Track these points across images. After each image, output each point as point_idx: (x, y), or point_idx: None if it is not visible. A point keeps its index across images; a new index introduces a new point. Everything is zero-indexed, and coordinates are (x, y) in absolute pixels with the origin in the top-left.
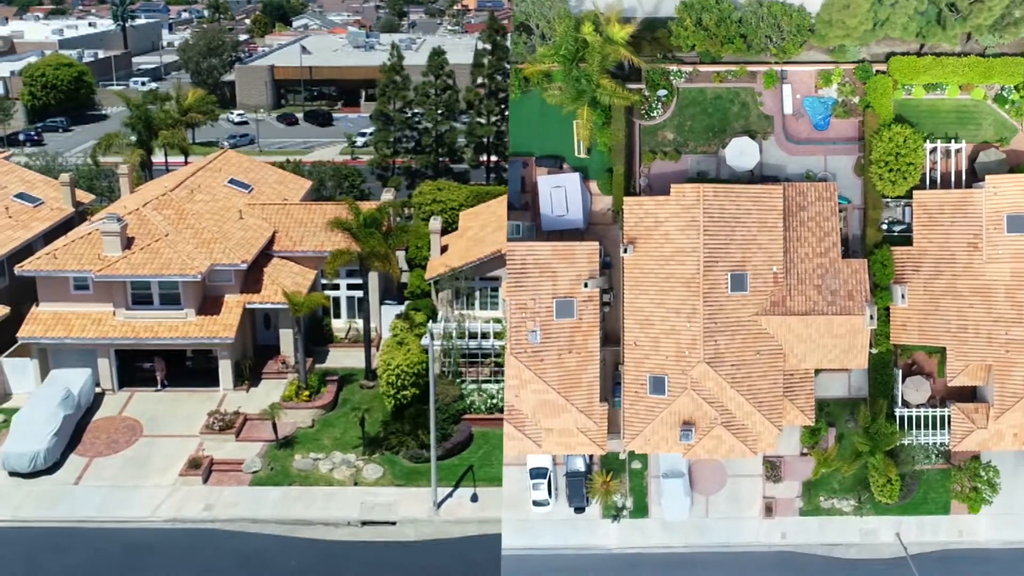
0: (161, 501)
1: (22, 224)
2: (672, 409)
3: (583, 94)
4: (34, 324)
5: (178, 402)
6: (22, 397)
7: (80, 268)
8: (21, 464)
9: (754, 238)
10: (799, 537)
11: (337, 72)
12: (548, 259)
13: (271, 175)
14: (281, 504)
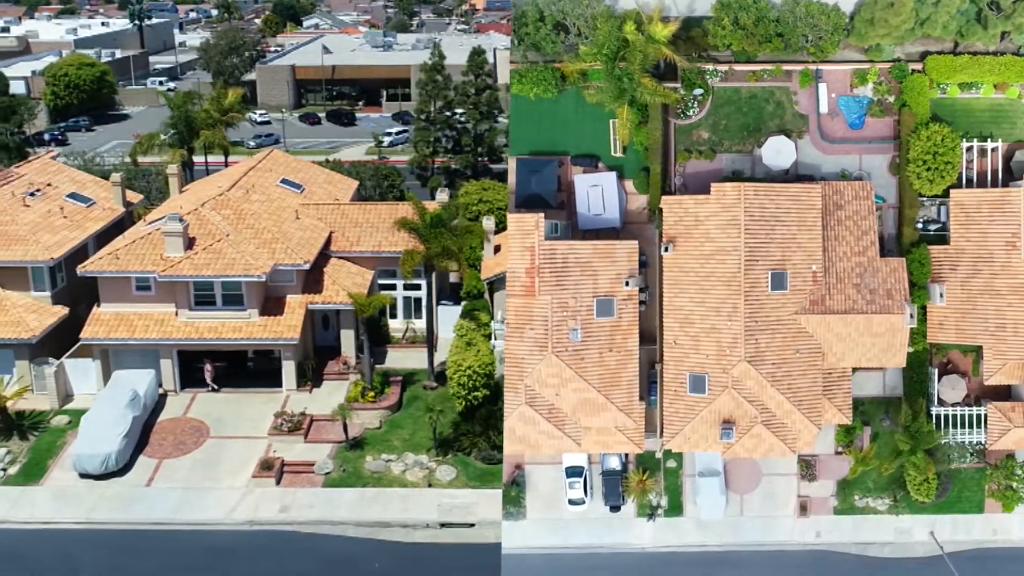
0: (236, 503)
1: (77, 224)
2: (712, 408)
3: (624, 93)
4: (96, 325)
5: (241, 403)
6: (84, 398)
7: (143, 269)
8: (93, 466)
9: (793, 237)
10: (833, 536)
11: (358, 72)
12: (589, 258)
13: (319, 175)
14: (357, 506)
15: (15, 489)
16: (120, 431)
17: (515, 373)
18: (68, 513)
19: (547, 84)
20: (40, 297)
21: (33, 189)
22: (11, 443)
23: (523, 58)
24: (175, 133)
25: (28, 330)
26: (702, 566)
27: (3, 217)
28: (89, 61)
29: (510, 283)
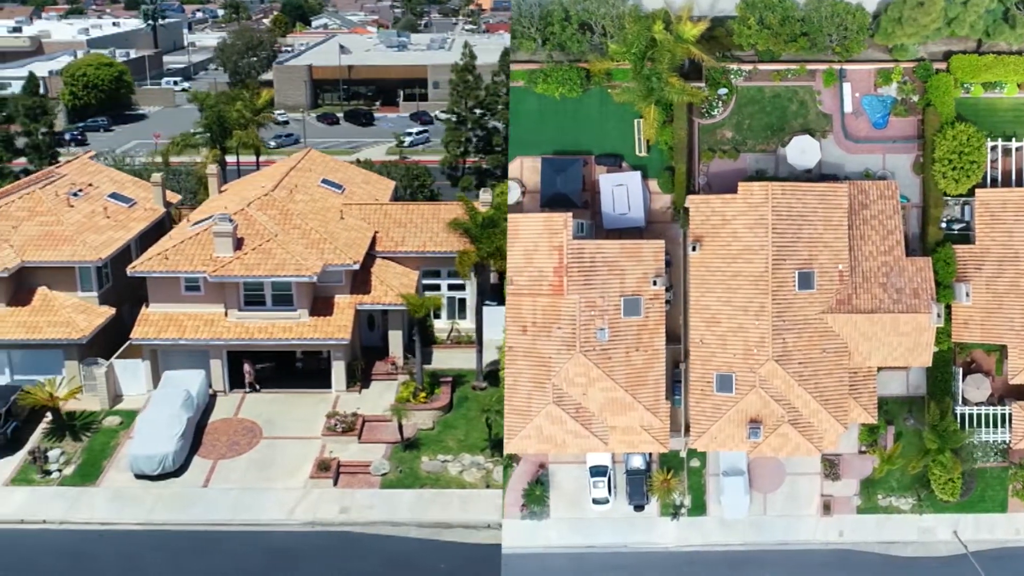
0: (295, 504)
1: (121, 224)
2: (739, 407)
3: (653, 92)
4: (146, 325)
5: (291, 404)
6: (133, 399)
7: (193, 269)
8: (150, 466)
9: (820, 236)
10: (856, 535)
11: (375, 71)
12: (616, 257)
13: (357, 175)
14: (417, 506)
15: (72, 490)
16: (176, 432)
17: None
18: (128, 514)
19: (572, 84)
20: (87, 297)
21: (75, 189)
22: (64, 443)
23: (548, 58)
24: (208, 133)
25: (78, 330)
26: (725, 565)
27: (48, 217)
28: (107, 61)
29: (536, 282)
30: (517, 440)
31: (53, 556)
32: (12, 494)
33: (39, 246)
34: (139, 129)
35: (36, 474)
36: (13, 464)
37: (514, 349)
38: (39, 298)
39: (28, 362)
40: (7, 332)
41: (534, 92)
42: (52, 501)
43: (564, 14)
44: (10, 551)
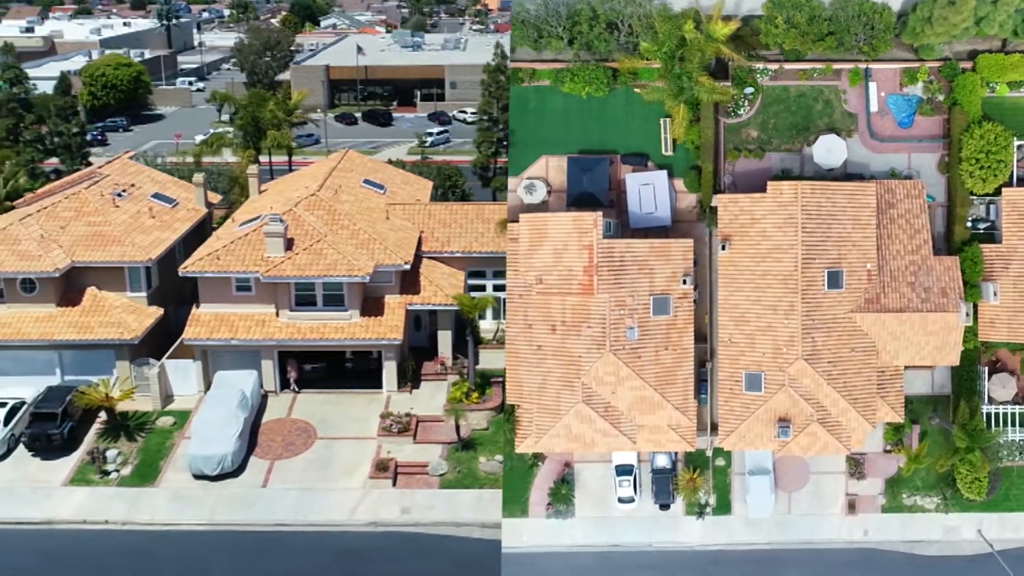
0: (356, 504)
1: (166, 225)
2: (768, 406)
3: (683, 92)
4: (198, 326)
5: (342, 404)
6: (184, 399)
7: (245, 269)
8: (208, 467)
9: (849, 235)
10: (881, 534)
11: (392, 72)
12: (645, 256)
13: (396, 175)
14: (477, 507)
15: (131, 490)
16: (233, 432)
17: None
18: (190, 514)
19: (599, 83)
20: (136, 298)
21: (119, 189)
22: (120, 444)
23: (575, 57)
24: (242, 133)
25: (130, 331)
26: (750, 564)
27: (96, 218)
28: (126, 61)
29: (565, 281)
30: (546, 439)
31: (119, 556)
32: (72, 494)
33: (88, 246)
34: (157, 129)
35: (94, 474)
36: (70, 464)
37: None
38: (89, 298)
39: (79, 362)
40: (59, 332)
41: (560, 91)
42: (112, 501)
43: (592, 13)
44: (76, 551)
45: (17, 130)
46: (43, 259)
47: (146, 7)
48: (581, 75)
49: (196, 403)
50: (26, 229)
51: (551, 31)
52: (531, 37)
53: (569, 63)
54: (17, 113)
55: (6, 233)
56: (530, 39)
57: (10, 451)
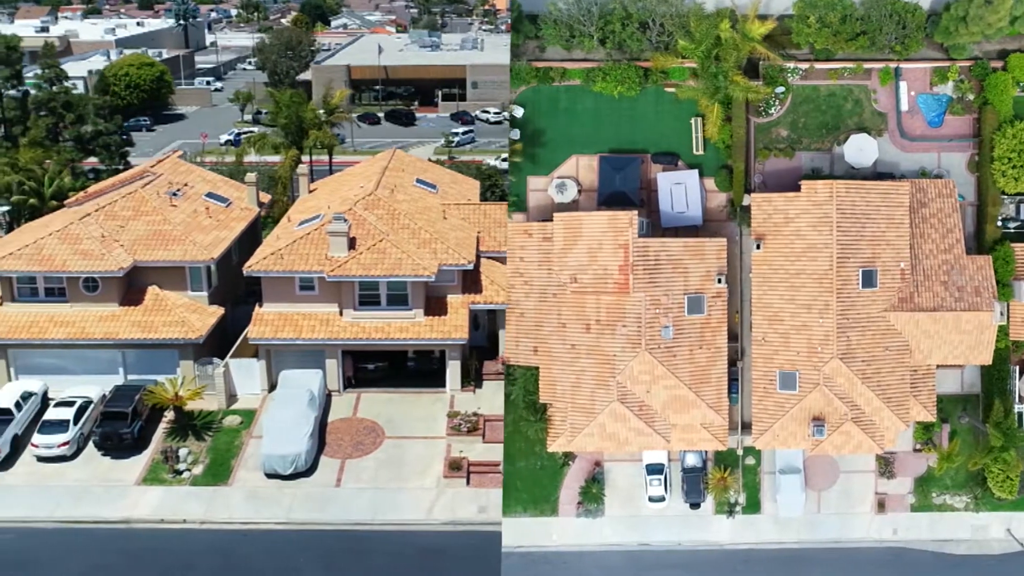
0: (431, 503)
1: (222, 224)
2: (803, 405)
3: (719, 90)
4: (262, 325)
5: (407, 404)
6: (248, 399)
7: (309, 269)
8: (283, 466)
9: (883, 234)
10: (910, 533)
11: (414, 72)
12: (680, 255)
13: (444, 175)
14: None
15: (206, 489)
16: (306, 431)
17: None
18: (267, 514)
19: (631, 82)
20: (197, 297)
21: (175, 189)
22: (188, 443)
23: (608, 56)
24: (284, 133)
25: (194, 330)
26: (780, 563)
27: (155, 217)
28: (148, 61)
29: (600, 280)
30: (580, 438)
31: (201, 555)
32: (146, 494)
33: (148, 245)
34: (180, 129)
35: (167, 473)
36: (141, 463)
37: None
38: (150, 297)
39: (142, 361)
40: (123, 332)
41: (589, 90)
42: (188, 500)
43: (624, 13)
44: (157, 549)
45: (56, 129)
46: (106, 258)
47: (154, 7)
48: (613, 74)
49: (260, 402)
50: (86, 228)
51: (583, 30)
52: (563, 36)
53: (599, 62)
54: (57, 112)
55: (67, 232)
56: (562, 38)
57: (80, 450)
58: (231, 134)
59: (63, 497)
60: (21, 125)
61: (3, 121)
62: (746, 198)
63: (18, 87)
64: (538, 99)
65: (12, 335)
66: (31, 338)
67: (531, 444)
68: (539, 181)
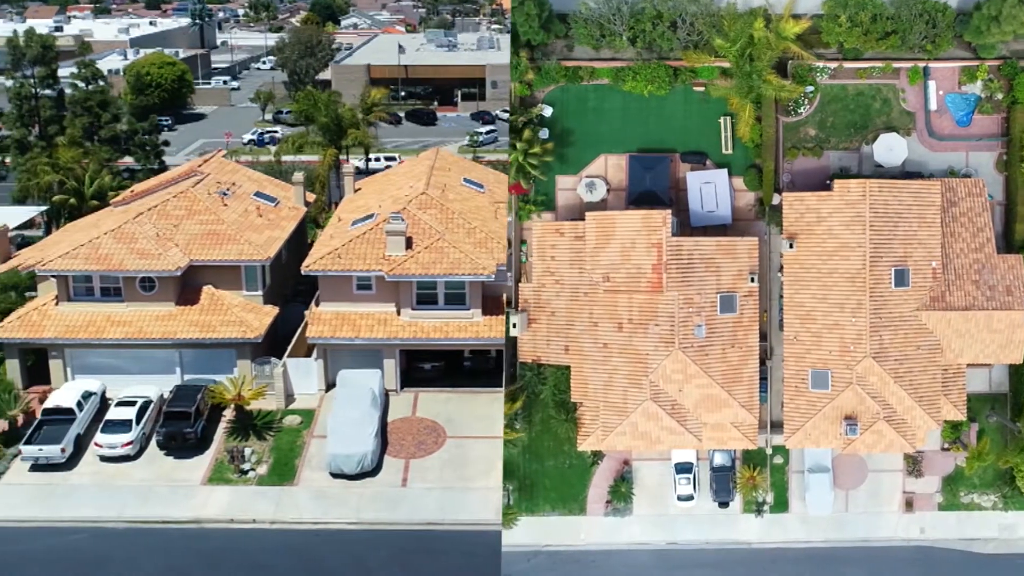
0: (500, 503)
1: (273, 223)
2: (835, 404)
3: (752, 89)
4: (320, 324)
5: (464, 403)
6: (305, 398)
7: (367, 268)
8: (349, 466)
9: (914, 233)
10: (937, 532)
11: (433, 71)
12: (712, 254)
13: (488, 174)
14: None
15: (272, 489)
16: (371, 431)
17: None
18: (336, 513)
19: (661, 81)
20: (252, 296)
21: (224, 188)
22: (250, 443)
23: (638, 56)
24: (323, 132)
25: (252, 330)
26: (808, 562)
27: (208, 216)
28: (170, 60)
29: (633, 279)
30: (612, 437)
31: (274, 554)
32: (213, 493)
33: (203, 245)
34: (200, 128)
35: (232, 473)
36: (205, 463)
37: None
38: (206, 297)
39: (199, 361)
40: (180, 331)
41: (617, 89)
42: (255, 500)
43: (655, 12)
44: (229, 549)
45: (92, 129)
46: (163, 258)
47: (161, 6)
48: (643, 73)
49: (318, 402)
50: (141, 227)
51: (613, 29)
52: (594, 36)
53: (626, 61)
54: (94, 112)
55: (122, 232)
56: (593, 38)
57: (142, 450)
58: (254, 133)
59: (130, 497)
60: (56, 124)
61: (39, 121)
62: (775, 197)
63: (53, 86)
64: (566, 98)
65: (70, 335)
66: (89, 338)
67: (559, 443)
68: (568, 180)
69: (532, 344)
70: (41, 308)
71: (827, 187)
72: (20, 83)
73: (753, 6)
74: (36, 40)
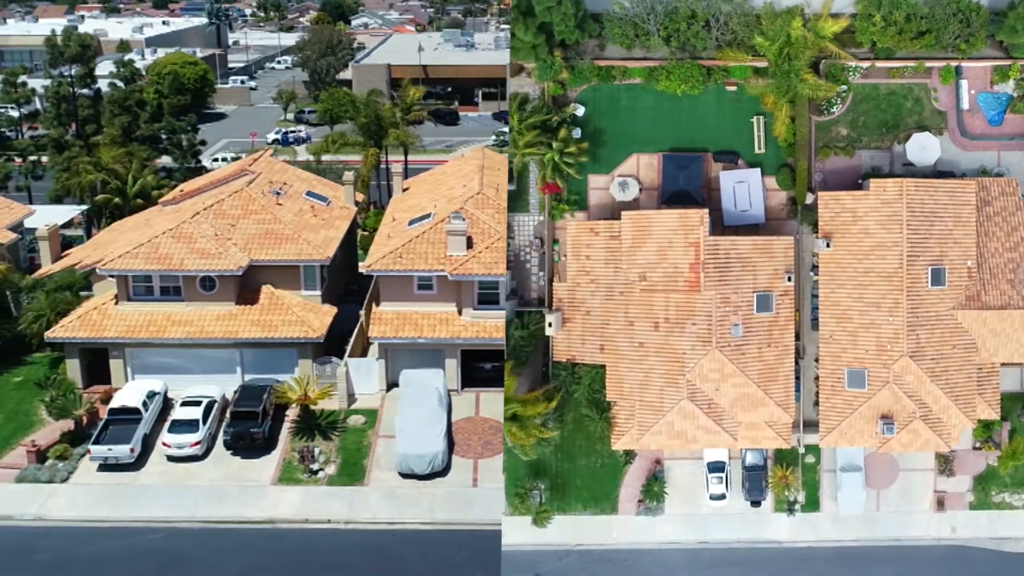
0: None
1: (328, 223)
2: (872, 403)
3: (790, 89)
4: (382, 324)
5: None
6: (366, 398)
7: (429, 268)
8: (420, 466)
9: (950, 233)
10: (968, 531)
11: (454, 71)
12: (749, 253)
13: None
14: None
15: (343, 489)
16: (440, 431)
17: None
18: (410, 513)
19: (694, 81)
20: (310, 296)
21: (276, 188)
22: (316, 443)
23: (671, 55)
24: (363, 132)
25: (314, 329)
26: (839, 561)
27: (265, 216)
28: (191, 60)
29: (670, 279)
30: (648, 436)
31: (353, 554)
32: (285, 493)
33: (261, 244)
34: (222, 128)
35: (301, 473)
36: (272, 463)
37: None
38: (265, 296)
39: (260, 361)
40: (242, 331)
41: (650, 89)
42: (327, 500)
43: (690, 12)
44: (312, 550)
45: (130, 128)
46: (224, 257)
47: (168, 6)
48: (677, 73)
49: (380, 402)
50: (199, 227)
51: (648, 29)
52: (628, 35)
53: (658, 60)
54: (132, 111)
55: (181, 231)
56: (627, 37)
57: (209, 450)
58: (278, 133)
59: (202, 497)
60: (94, 124)
61: (76, 120)
62: (817, 196)
63: (91, 86)
64: (598, 97)
65: (131, 334)
66: (152, 337)
67: (592, 442)
68: (599, 180)
69: (567, 343)
70: (100, 308)
71: (859, 186)
72: (58, 82)
73: (787, 5)
74: (75, 39)
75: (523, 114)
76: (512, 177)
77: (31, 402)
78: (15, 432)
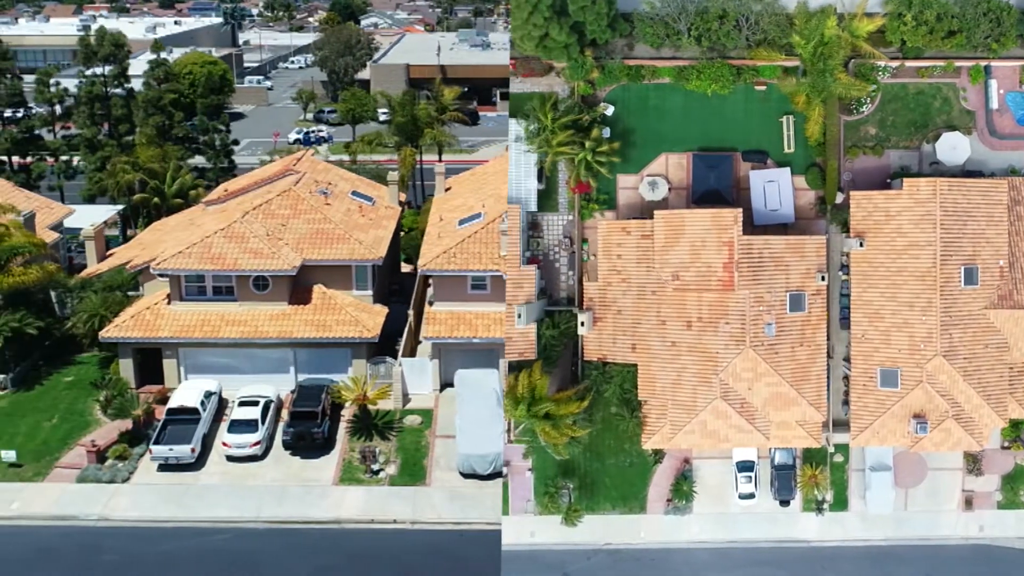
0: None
1: (375, 223)
2: (904, 402)
3: (825, 88)
4: (436, 324)
5: None
6: (420, 398)
7: (482, 268)
8: (482, 466)
9: (982, 232)
10: (996, 530)
11: (472, 71)
12: (782, 252)
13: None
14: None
15: (406, 489)
16: (500, 430)
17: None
18: (475, 514)
19: (724, 80)
20: (362, 296)
21: (323, 187)
22: (375, 443)
23: (703, 55)
24: (398, 132)
25: (368, 329)
26: (867, 560)
27: (315, 215)
28: (211, 59)
29: (703, 278)
30: (680, 435)
31: (423, 555)
32: (347, 493)
33: (313, 244)
34: (242, 128)
35: (363, 473)
36: (332, 463)
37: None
38: (318, 296)
39: (314, 361)
40: (297, 330)
41: (679, 88)
42: (391, 500)
43: (721, 11)
44: (381, 549)
45: (164, 128)
46: (277, 257)
47: (175, 5)
48: (707, 72)
49: (434, 402)
50: (251, 227)
51: (678, 28)
52: (659, 35)
53: (687, 60)
54: (167, 111)
55: (232, 231)
56: (658, 36)
57: (268, 450)
58: (299, 132)
59: (265, 497)
60: (127, 123)
61: (109, 119)
62: (850, 195)
63: (123, 85)
64: (627, 97)
65: (185, 334)
66: (206, 337)
67: (620, 441)
68: (629, 179)
69: (597, 343)
70: (153, 307)
71: (887, 186)
72: (91, 82)
73: (818, 4)
74: (108, 39)
75: (556, 113)
76: (541, 176)
77: (85, 402)
78: (71, 432)
